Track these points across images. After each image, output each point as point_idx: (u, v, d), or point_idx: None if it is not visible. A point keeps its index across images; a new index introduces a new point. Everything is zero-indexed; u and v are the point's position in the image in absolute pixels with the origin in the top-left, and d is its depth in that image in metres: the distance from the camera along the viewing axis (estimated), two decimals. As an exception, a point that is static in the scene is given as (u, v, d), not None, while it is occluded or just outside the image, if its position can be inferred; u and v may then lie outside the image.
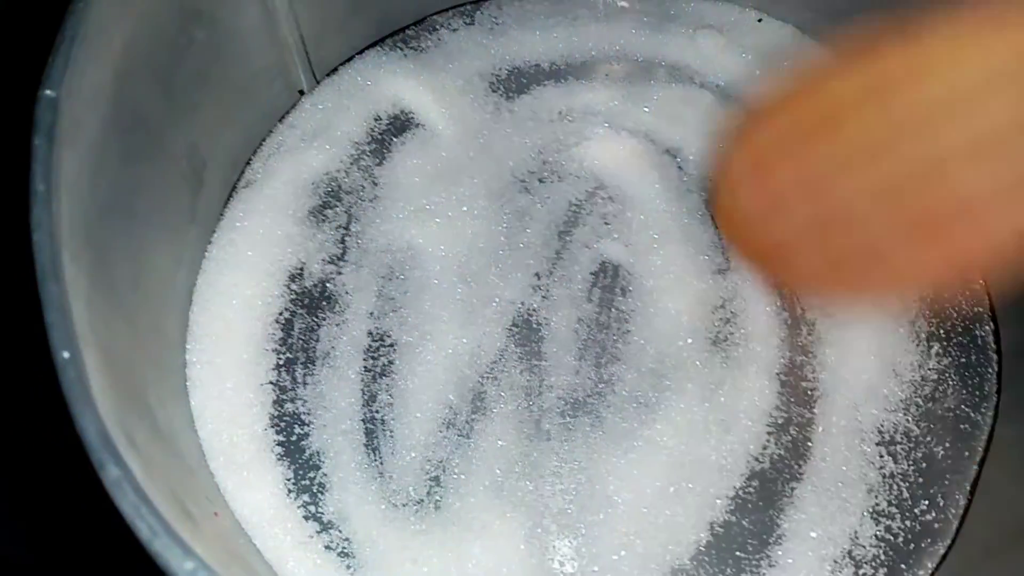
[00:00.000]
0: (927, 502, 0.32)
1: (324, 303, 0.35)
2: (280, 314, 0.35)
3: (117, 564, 0.34)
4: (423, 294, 0.35)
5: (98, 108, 0.26)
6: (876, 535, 0.32)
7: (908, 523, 0.32)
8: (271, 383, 0.33)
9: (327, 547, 0.31)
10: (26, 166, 0.23)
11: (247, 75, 0.35)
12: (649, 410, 0.33)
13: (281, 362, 0.34)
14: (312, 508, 0.32)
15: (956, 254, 0.27)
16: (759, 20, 0.40)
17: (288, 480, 0.32)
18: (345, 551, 0.31)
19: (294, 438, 0.33)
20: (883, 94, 0.25)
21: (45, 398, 0.22)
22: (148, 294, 0.30)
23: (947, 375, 0.34)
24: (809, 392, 0.34)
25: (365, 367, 0.34)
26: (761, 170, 0.29)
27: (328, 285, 0.35)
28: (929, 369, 0.34)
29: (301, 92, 0.39)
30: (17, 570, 0.36)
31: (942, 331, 0.35)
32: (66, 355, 0.21)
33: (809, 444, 0.33)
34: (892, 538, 0.32)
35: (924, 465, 0.33)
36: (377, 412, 0.33)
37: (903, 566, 0.31)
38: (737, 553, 0.31)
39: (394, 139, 0.38)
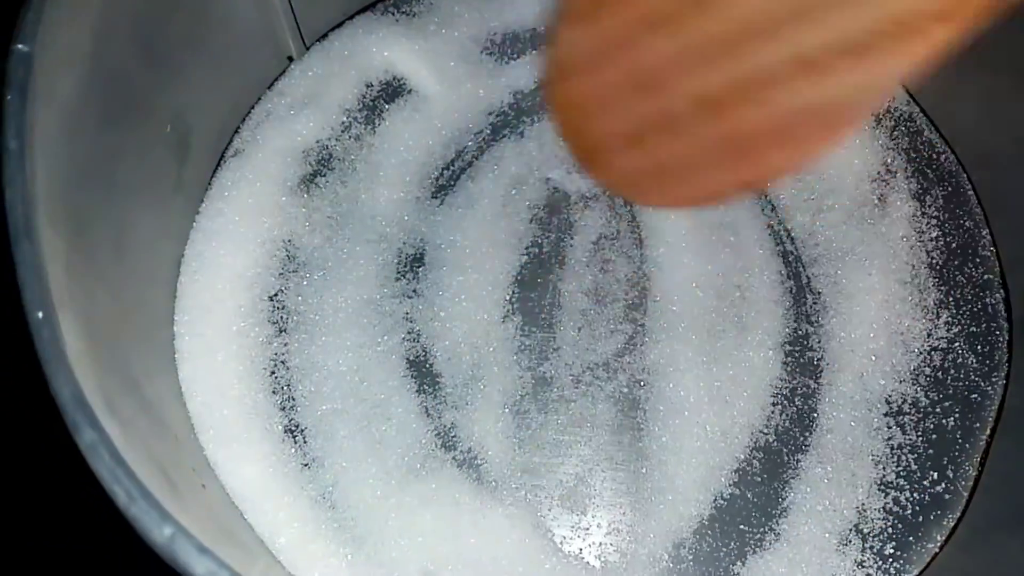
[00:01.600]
0: (936, 474, 0.31)
1: (315, 273, 0.34)
2: (270, 285, 0.34)
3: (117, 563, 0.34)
4: (417, 263, 0.34)
5: (75, 67, 0.25)
6: (884, 507, 0.31)
7: (916, 495, 0.31)
8: (261, 355, 0.33)
9: (320, 521, 0.30)
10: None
11: (234, 40, 0.34)
12: (651, 383, 0.32)
13: (272, 333, 0.33)
14: (305, 482, 0.31)
15: (763, 173, 0.28)
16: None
17: (280, 453, 0.31)
18: (339, 525, 0.30)
19: (286, 410, 0.32)
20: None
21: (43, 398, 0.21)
22: (132, 264, 0.29)
23: (956, 344, 0.33)
24: (815, 362, 0.33)
25: (358, 337, 0.33)
26: (596, 59, 0.28)
27: (319, 255, 0.34)
28: (938, 338, 0.33)
29: (290, 58, 0.37)
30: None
31: (951, 299, 0.34)
32: (40, 315, 0.20)
33: (815, 415, 0.32)
34: (900, 510, 0.31)
35: (933, 436, 0.32)
36: (370, 383, 0.32)
37: (911, 539, 0.31)
38: (741, 527, 0.31)
39: (386, 106, 0.37)
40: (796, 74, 0.24)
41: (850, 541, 0.30)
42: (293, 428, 0.32)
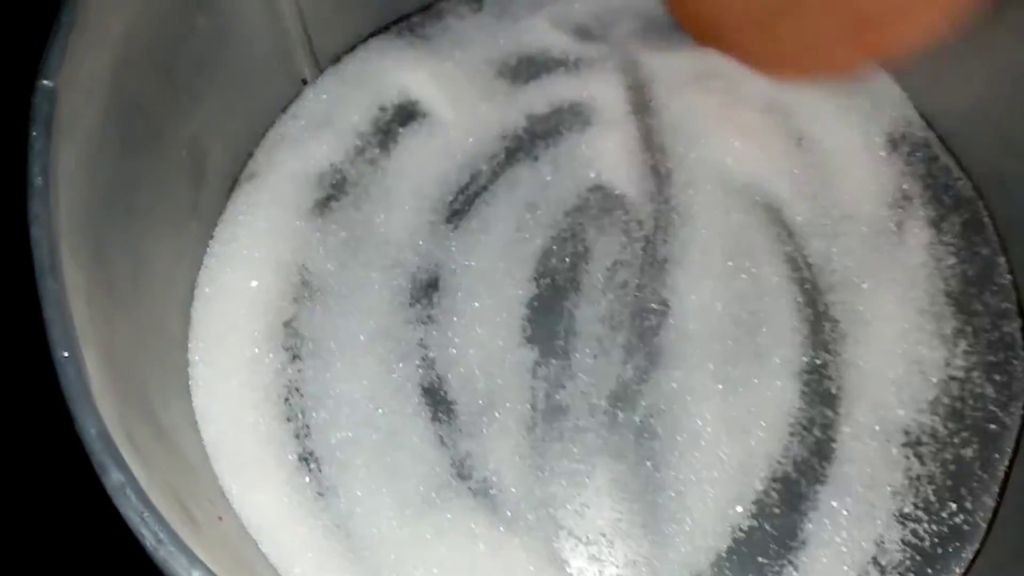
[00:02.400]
0: (955, 505, 0.31)
1: (329, 299, 0.34)
2: (284, 310, 0.34)
3: (120, 567, 0.33)
4: (431, 288, 0.34)
5: (97, 98, 0.25)
6: (902, 539, 0.31)
7: (935, 527, 0.31)
8: (275, 382, 0.32)
9: (335, 551, 0.30)
10: (23, 159, 0.22)
11: (249, 64, 0.34)
12: (667, 411, 0.32)
13: (286, 360, 0.33)
14: (319, 511, 0.31)
15: (881, 49, 0.32)
16: None
17: (294, 482, 0.31)
18: (354, 555, 0.30)
19: (300, 438, 0.32)
20: None
21: (46, 402, 0.21)
22: (149, 290, 0.29)
23: (974, 373, 0.33)
24: (832, 392, 0.33)
25: (372, 364, 0.33)
26: None
27: (333, 280, 0.34)
28: (956, 367, 0.33)
29: (304, 81, 0.37)
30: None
31: (969, 328, 0.34)
32: (65, 354, 0.20)
33: (833, 446, 0.32)
34: (919, 542, 0.31)
35: (952, 467, 0.32)
36: (385, 411, 0.32)
37: (930, 571, 0.30)
38: (759, 559, 0.30)
39: (400, 129, 0.37)
40: None
41: (869, 573, 0.30)
42: (307, 456, 0.31)
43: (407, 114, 0.37)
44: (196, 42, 0.30)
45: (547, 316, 0.34)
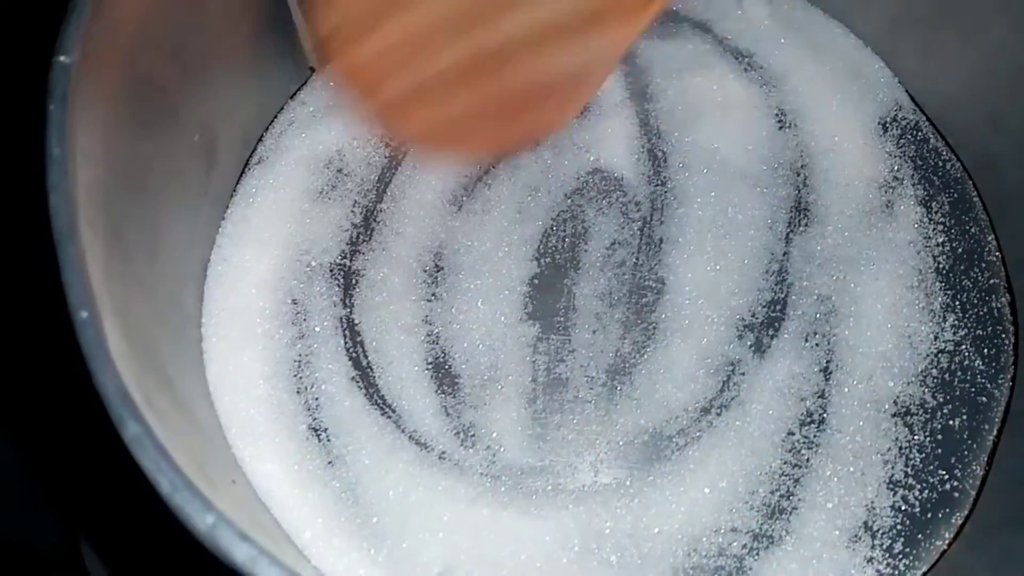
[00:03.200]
0: (944, 472, 0.32)
1: (338, 278, 0.35)
2: (293, 289, 0.35)
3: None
4: (436, 268, 0.35)
5: (111, 77, 0.26)
6: (893, 505, 0.32)
7: (925, 493, 0.32)
8: (285, 356, 0.33)
9: (343, 517, 0.31)
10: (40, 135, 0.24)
11: (259, 49, 0.35)
12: (662, 385, 0.33)
13: (295, 335, 0.34)
14: (328, 479, 0.32)
15: (533, 128, 0.34)
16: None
17: (304, 450, 0.32)
18: (362, 520, 0.31)
19: (310, 410, 0.33)
20: None
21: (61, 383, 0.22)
22: (164, 267, 0.30)
23: (963, 347, 0.34)
24: (825, 364, 0.34)
25: (378, 340, 0.34)
26: (369, 27, 0.32)
27: (340, 260, 0.35)
28: (945, 341, 0.34)
29: (312, 69, 0.38)
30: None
31: (958, 303, 0.35)
32: (84, 314, 0.21)
33: (825, 415, 0.33)
34: (909, 508, 0.32)
35: (941, 436, 0.33)
36: (391, 384, 0.33)
37: (920, 536, 0.31)
38: (753, 524, 0.31)
39: (406, 115, 0.38)
40: (544, 40, 0.30)
41: (860, 538, 0.31)
42: (316, 427, 0.33)
43: (411, 100, 0.38)
44: (208, 25, 0.31)
45: (547, 294, 0.35)
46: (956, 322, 0.34)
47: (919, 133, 0.38)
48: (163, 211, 0.30)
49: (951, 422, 0.33)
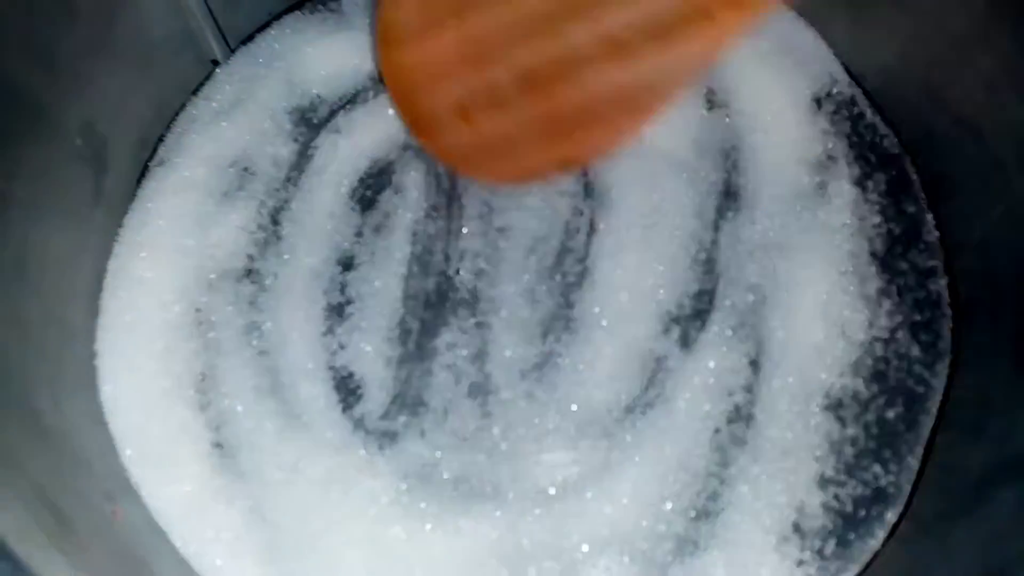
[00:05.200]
0: (878, 466, 0.31)
1: (244, 286, 0.33)
2: (197, 298, 0.33)
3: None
4: (344, 272, 0.34)
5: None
6: (823, 503, 0.30)
7: (858, 490, 0.30)
8: (188, 371, 0.32)
9: (248, 538, 0.30)
10: None
11: (148, 45, 0.33)
12: (588, 383, 0.32)
13: (198, 348, 0.32)
14: (235, 497, 0.30)
15: (579, 152, 0.31)
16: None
17: (209, 469, 0.31)
18: (269, 539, 0.30)
19: (212, 427, 0.31)
20: None
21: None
22: (42, 284, 0.29)
23: (899, 334, 0.32)
24: (752, 356, 0.32)
25: (285, 351, 0.32)
26: (428, 28, 0.30)
27: (247, 266, 0.34)
28: (880, 328, 0.32)
29: (215, 62, 0.36)
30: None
31: (893, 287, 0.33)
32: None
33: (752, 411, 0.31)
34: (840, 506, 0.30)
35: (875, 429, 0.31)
36: (299, 398, 0.32)
37: (852, 535, 0.30)
38: (677, 528, 0.30)
39: (315, 109, 0.36)
40: (606, 56, 0.27)
41: (789, 540, 0.30)
42: (222, 442, 0.31)
43: (322, 93, 0.37)
44: (81, 23, 0.29)
45: (465, 292, 0.33)
46: (892, 308, 0.33)
47: (855, 108, 0.36)
48: (38, 223, 0.28)
49: (886, 414, 0.31)
